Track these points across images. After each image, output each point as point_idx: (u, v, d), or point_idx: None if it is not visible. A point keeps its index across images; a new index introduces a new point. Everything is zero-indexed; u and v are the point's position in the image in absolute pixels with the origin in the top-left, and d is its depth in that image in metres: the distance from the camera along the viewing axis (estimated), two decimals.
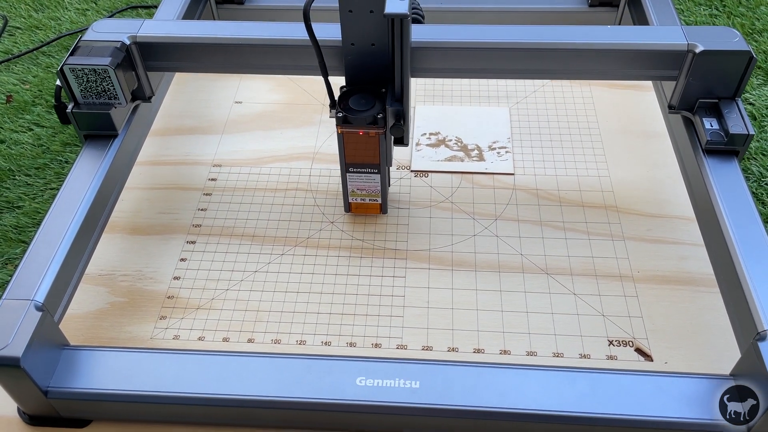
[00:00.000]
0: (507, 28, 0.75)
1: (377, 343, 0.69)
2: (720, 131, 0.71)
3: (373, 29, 0.68)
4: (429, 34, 0.74)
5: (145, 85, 0.79)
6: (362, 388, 0.59)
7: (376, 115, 0.70)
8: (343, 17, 0.67)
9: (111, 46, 0.74)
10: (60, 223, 0.67)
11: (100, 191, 0.71)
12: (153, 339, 0.70)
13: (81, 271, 0.69)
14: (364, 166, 0.75)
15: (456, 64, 0.75)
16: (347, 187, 0.78)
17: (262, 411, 0.60)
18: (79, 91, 0.73)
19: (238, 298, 0.73)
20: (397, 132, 0.71)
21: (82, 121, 0.74)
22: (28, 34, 1.16)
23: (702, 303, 0.72)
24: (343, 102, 0.71)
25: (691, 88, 0.73)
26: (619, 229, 0.79)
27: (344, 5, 0.66)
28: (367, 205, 0.80)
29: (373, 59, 0.70)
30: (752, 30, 1.12)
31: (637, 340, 0.69)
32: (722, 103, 0.73)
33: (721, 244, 0.65)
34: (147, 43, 0.76)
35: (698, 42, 0.71)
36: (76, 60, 0.72)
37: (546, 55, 0.74)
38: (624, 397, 0.57)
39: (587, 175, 0.86)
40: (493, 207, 0.83)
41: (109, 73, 0.72)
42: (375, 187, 0.77)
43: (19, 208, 0.88)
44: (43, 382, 0.59)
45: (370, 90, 0.72)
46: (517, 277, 0.75)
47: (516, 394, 0.58)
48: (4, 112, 1.01)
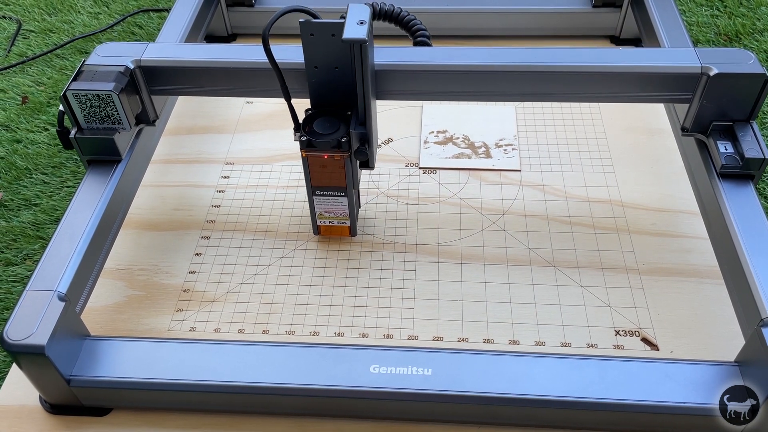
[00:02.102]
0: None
1: (389, 334, 0.71)
2: (735, 155, 0.70)
3: (336, 53, 0.67)
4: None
5: (149, 109, 0.78)
6: (376, 375, 0.60)
7: (340, 138, 0.69)
8: (305, 40, 0.66)
9: (115, 70, 0.72)
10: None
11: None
12: (170, 331, 0.72)
13: (101, 265, 0.71)
14: (330, 189, 0.74)
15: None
16: (314, 210, 0.76)
17: (278, 398, 0.61)
18: (83, 116, 0.72)
19: (252, 291, 0.75)
20: (361, 156, 0.70)
21: (86, 147, 0.73)
22: (41, 37, 1.18)
23: (706, 294, 0.73)
24: (307, 125, 0.70)
25: (705, 111, 0.72)
26: (624, 223, 0.81)
27: (305, 28, 0.65)
28: (336, 228, 0.79)
29: (337, 82, 0.69)
30: (753, 30, 1.14)
31: (643, 330, 0.70)
32: (737, 125, 0.71)
33: (726, 237, 0.67)
34: (151, 67, 0.75)
35: (712, 64, 0.69)
36: (79, 85, 0.70)
37: (547, 78, 0.73)
38: (631, 383, 0.59)
39: (592, 171, 0.88)
40: (500, 202, 0.84)
41: (113, 99, 0.70)
42: (342, 210, 0.76)
43: (36, 206, 0.90)
44: (66, 370, 0.61)
45: (336, 113, 0.71)
46: (524, 270, 0.76)
47: (526, 381, 0.59)
48: (21, 113, 1.03)
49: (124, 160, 0.74)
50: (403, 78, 0.73)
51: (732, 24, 1.15)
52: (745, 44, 1.11)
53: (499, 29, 1.09)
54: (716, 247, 0.72)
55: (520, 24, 1.08)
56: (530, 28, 1.08)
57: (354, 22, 0.64)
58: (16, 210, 0.89)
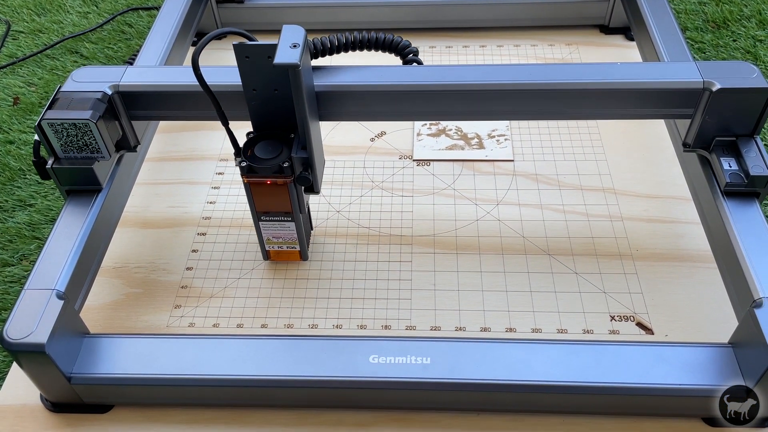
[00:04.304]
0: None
1: (387, 325, 0.72)
2: (739, 172, 0.67)
3: (274, 75, 0.63)
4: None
5: (130, 135, 0.74)
6: (375, 365, 0.61)
7: (281, 163, 0.66)
8: (240, 63, 0.63)
9: (92, 97, 0.68)
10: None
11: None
12: (169, 327, 0.72)
13: (98, 263, 0.71)
14: (276, 215, 0.71)
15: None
16: (262, 236, 0.74)
17: (279, 390, 0.62)
18: (59, 146, 0.68)
19: (250, 286, 0.76)
20: (303, 182, 0.67)
21: (64, 177, 0.69)
22: (31, 37, 1.18)
23: (699, 278, 0.74)
24: (249, 149, 0.67)
25: (707, 126, 0.69)
26: (617, 210, 0.82)
27: (240, 51, 0.62)
28: (286, 253, 0.76)
29: (277, 105, 0.66)
30: (741, 16, 1.15)
31: (637, 315, 0.71)
32: (740, 141, 0.69)
33: (719, 223, 0.67)
34: (130, 92, 0.71)
35: (715, 79, 0.67)
36: (54, 114, 0.66)
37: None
38: (627, 366, 0.60)
39: (584, 159, 0.88)
40: (494, 193, 0.85)
41: (90, 127, 0.66)
42: (291, 234, 0.73)
43: (31, 206, 0.90)
44: (67, 368, 0.61)
45: (278, 136, 0.68)
46: (519, 259, 0.77)
47: (524, 367, 0.60)
48: (12, 114, 1.03)
49: (104, 189, 0.71)
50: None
51: (720, 11, 1.16)
52: (732, 30, 1.12)
53: (488, 20, 1.10)
54: (709, 232, 0.73)
55: (509, 14, 1.09)
56: (519, 19, 1.09)
57: (287, 45, 0.60)
58: (11, 211, 0.89)
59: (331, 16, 1.09)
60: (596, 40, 1.08)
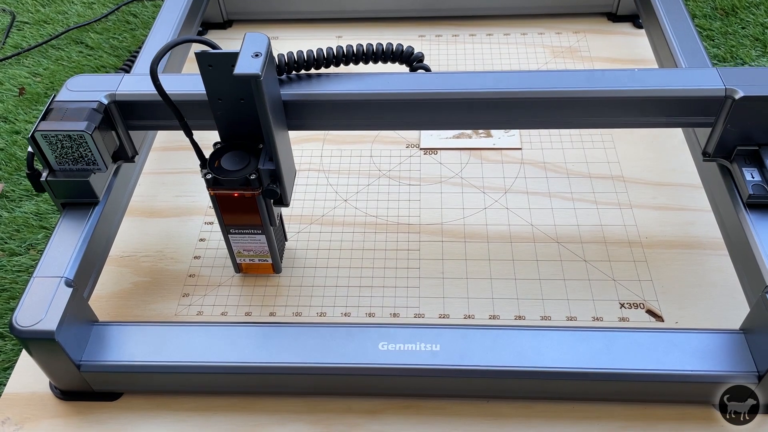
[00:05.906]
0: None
1: (395, 313, 0.71)
2: (762, 183, 0.65)
3: (238, 85, 0.61)
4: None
5: (127, 145, 0.71)
6: (385, 352, 0.61)
7: (248, 175, 0.63)
8: (204, 72, 0.60)
9: (87, 107, 0.65)
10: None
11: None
12: (177, 315, 0.72)
13: (106, 252, 0.71)
14: (246, 227, 0.69)
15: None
16: (232, 249, 0.72)
17: (288, 377, 0.62)
18: (54, 158, 0.65)
19: (257, 275, 0.75)
20: (271, 195, 0.64)
21: (59, 190, 0.67)
22: (36, 28, 1.17)
23: (709, 265, 0.74)
24: (216, 159, 0.64)
25: (729, 135, 0.66)
26: (626, 198, 0.81)
27: (202, 60, 0.59)
28: (258, 266, 0.74)
29: (244, 115, 0.63)
30: (749, 3, 1.14)
31: (647, 302, 0.71)
32: (763, 150, 0.66)
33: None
34: (127, 101, 0.68)
35: (737, 86, 0.64)
36: (48, 125, 0.63)
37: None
38: (638, 352, 0.59)
39: (593, 147, 0.88)
40: (502, 181, 0.85)
41: (85, 139, 0.64)
42: (262, 247, 0.71)
43: (38, 196, 0.89)
44: (76, 355, 0.61)
45: (246, 146, 0.65)
46: (528, 247, 0.77)
47: (533, 354, 0.60)
48: (18, 104, 1.03)
49: (101, 202, 0.68)
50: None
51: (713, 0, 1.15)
52: (741, 18, 1.11)
53: (496, 8, 1.09)
54: (719, 219, 0.72)
55: (516, 2, 1.08)
56: (526, 7, 1.08)
57: (248, 55, 0.57)
58: (18, 201, 0.89)
59: (337, 5, 1.09)
60: (604, 28, 1.07)
